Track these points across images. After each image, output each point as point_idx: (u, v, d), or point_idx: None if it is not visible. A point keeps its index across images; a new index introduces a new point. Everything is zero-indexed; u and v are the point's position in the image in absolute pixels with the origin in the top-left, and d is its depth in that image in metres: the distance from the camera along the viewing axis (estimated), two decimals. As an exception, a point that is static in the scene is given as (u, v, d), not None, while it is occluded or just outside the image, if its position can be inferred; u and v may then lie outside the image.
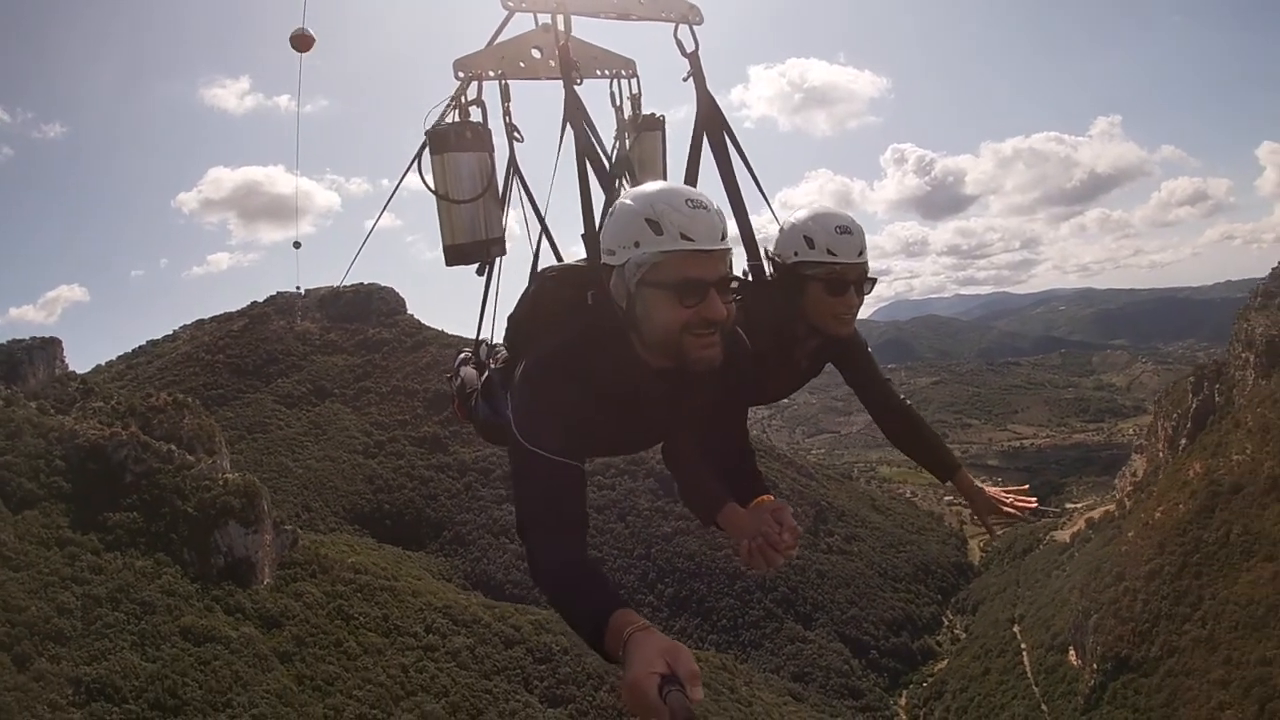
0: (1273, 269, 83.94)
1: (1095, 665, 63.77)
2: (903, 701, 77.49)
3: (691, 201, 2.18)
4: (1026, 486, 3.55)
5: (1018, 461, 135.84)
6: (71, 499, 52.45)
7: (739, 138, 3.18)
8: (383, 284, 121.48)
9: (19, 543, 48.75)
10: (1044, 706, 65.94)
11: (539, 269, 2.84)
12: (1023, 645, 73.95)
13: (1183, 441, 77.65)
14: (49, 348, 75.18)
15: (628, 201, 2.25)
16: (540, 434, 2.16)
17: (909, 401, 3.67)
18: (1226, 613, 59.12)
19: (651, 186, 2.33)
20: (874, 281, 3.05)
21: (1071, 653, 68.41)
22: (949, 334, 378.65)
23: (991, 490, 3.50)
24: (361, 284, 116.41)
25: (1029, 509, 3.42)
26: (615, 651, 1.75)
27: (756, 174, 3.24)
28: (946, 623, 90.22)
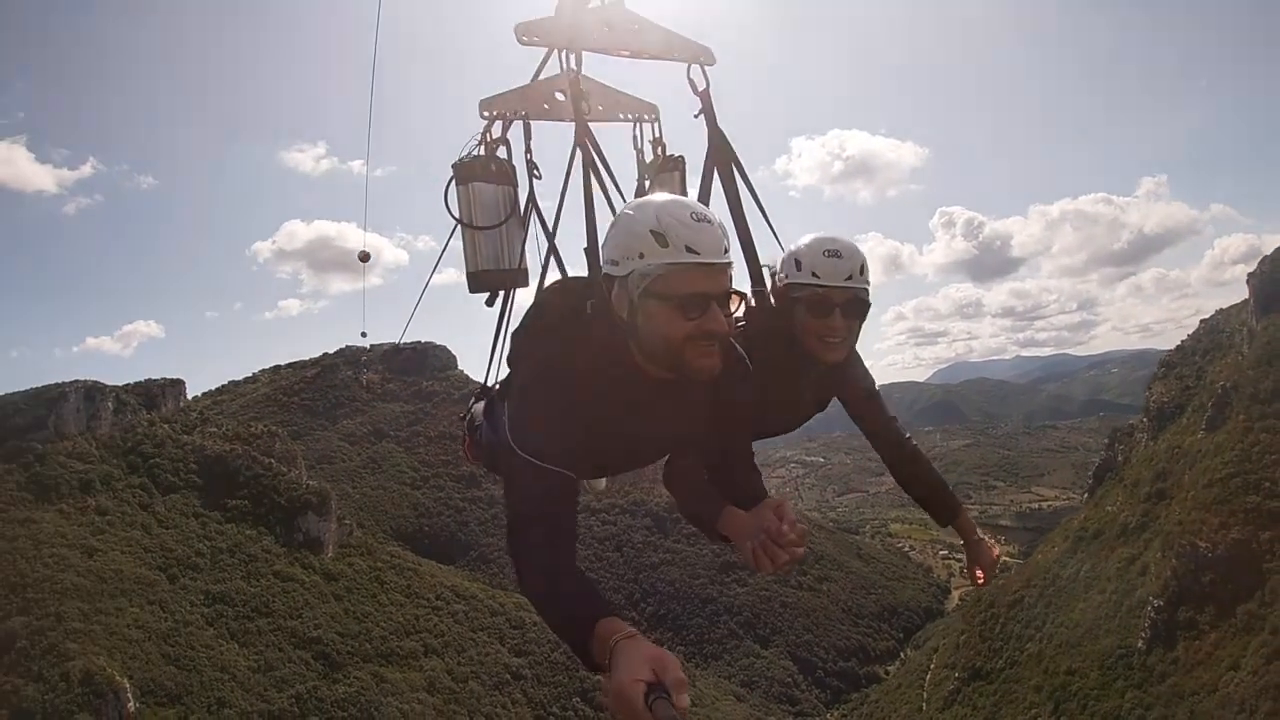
0: (1180, 343, 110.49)
1: (957, 674, 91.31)
2: (836, 713, 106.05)
3: (696, 215, 2.47)
4: (996, 552, 4.08)
5: (1029, 521, 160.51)
6: (202, 489, 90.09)
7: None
8: (438, 342, 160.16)
9: (168, 513, 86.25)
10: (923, 708, 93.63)
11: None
12: (931, 665, 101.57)
13: (1084, 495, 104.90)
14: (176, 386, 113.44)
15: (631, 213, 2.55)
16: (533, 441, 2.41)
17: (915, 441, 4.16)
18: (1058, 634, 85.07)
19: (656, 198, 2.61)
20: (867, 306, 3.41)
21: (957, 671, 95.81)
22: (998, 397, 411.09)
23: (988, 555, 4.01)
24: (419, 342, 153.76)
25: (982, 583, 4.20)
26: (601, 659, 1.92)
27: (763, 204, 3.81)
28: (903, 656, 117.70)
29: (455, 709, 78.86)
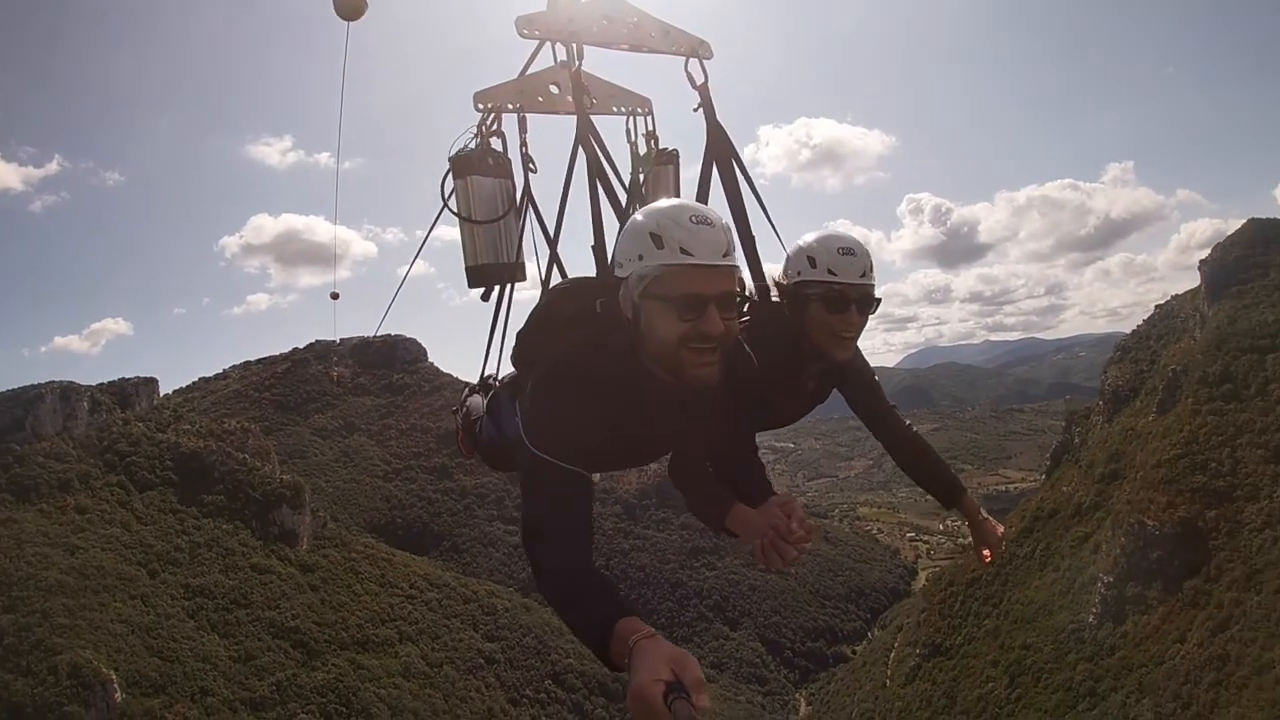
0: (1135, 328, 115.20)
1: (918, 650, 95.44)
2: (804, 693, 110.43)
3: (696, 217, 2.53)
4: (1001, 530, 4.13)
5: (997, 504, 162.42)
6: (178, 486, 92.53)
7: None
8: (407, 335, 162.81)
9: (146, 510, 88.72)
10: (886, 684, 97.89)
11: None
12: (894, 644, 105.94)
13: (1041, 477, 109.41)
14: (149, 385, 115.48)
15: (638, 217, 2.63)
16: (549, 441, 2.48)
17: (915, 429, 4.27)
18: (1013, 610, 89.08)
19: (663, 203, 2.71)
20: (878, 302, 3.53)
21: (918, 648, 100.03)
22: (967, 381, 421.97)
23: (994, 534, 4.11)
24: (389, 335, 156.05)
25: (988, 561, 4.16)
26: (620, 659, 1.95)
27: (763, 200, 3.84)
28: (870, 637, 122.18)
29: (430, 693, 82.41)
